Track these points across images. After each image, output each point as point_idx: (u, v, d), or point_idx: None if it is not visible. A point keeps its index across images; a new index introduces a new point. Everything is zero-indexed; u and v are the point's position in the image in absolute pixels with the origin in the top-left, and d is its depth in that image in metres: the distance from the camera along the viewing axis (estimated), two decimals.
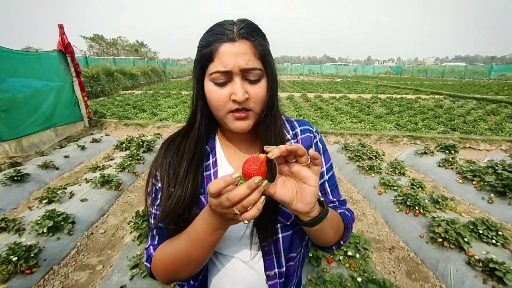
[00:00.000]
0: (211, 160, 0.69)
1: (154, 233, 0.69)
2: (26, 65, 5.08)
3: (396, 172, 3.80)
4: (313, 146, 0.74)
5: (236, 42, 0.57)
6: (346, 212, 0.74)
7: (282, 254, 0.69)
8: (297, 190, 0.53)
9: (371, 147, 4.67)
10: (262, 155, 0.49)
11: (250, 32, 0.59)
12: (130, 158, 4.15)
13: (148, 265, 0.68)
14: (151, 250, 0.68)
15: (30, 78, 5.09)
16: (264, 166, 0.48)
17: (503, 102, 10.65)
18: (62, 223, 2.44)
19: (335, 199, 0.76)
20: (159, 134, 5.74)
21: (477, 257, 2.03)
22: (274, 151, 0.48)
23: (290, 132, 0.74)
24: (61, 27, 5.72)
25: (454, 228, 2.22)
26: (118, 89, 14.56)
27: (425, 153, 4.59)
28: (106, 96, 12.43)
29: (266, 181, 0.47)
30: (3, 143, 4.16)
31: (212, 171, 0.68)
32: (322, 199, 0.62)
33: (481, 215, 3.03)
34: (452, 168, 3.96)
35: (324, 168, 0.75)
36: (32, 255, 1.98)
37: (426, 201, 2.87)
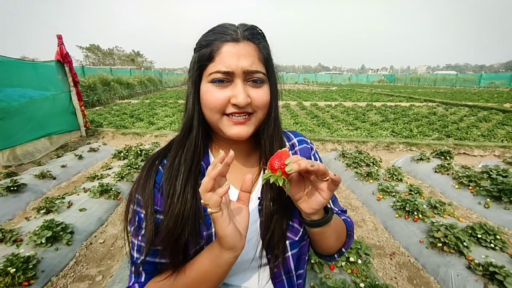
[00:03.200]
0: None
1: (141, 269, 0.59)
2: (22, 75, 5.08)
3: (394, 178, 3.84)
4: (312, 158, 0.73)
5: (240, 42, 0.53)
6: (348, 220, 0.75)
7: (294, 273, 0.66)
8: (308, 193, 0.54)
9: (368, 154, 4.72)
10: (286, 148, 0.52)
11: (255, 35, 0.56)
12: (129, 167, 4.12)
13: None
14: None
15: (26, 87, 5.09)
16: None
17: (493, 109, 10.93)
18: (61, 233, 2.40)
19: (336, 209, 0.77)
20: (157, 143, 5.73)
21: (477, 261, 2.05)
22: (293, 167, 0.45)
23: (287, 143, 0.72)
24: (59, 37, 5.77)
25: (453, 233, 2.25)
26: (114, 98, 14.56)
27: (421, 159, 4.66)
28: (103, 106, 12.40)
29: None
30: None
31: None
32: (329, 206, 0.62)
33: (478, 219, 3.07)
34: (448, 174, 4.02)
35: None
36: (30, 267, 1.94)
37: (425, 206, 2.91)
